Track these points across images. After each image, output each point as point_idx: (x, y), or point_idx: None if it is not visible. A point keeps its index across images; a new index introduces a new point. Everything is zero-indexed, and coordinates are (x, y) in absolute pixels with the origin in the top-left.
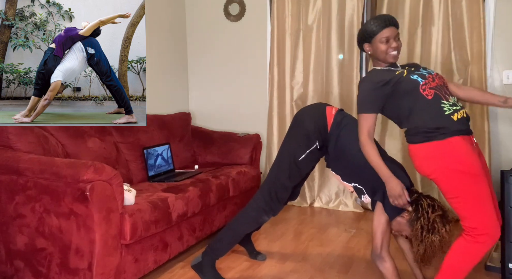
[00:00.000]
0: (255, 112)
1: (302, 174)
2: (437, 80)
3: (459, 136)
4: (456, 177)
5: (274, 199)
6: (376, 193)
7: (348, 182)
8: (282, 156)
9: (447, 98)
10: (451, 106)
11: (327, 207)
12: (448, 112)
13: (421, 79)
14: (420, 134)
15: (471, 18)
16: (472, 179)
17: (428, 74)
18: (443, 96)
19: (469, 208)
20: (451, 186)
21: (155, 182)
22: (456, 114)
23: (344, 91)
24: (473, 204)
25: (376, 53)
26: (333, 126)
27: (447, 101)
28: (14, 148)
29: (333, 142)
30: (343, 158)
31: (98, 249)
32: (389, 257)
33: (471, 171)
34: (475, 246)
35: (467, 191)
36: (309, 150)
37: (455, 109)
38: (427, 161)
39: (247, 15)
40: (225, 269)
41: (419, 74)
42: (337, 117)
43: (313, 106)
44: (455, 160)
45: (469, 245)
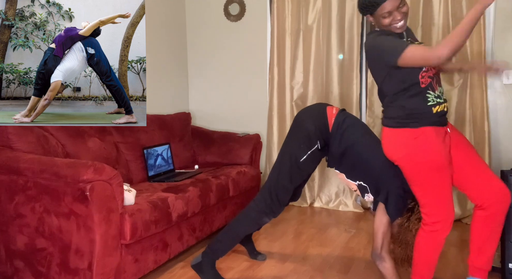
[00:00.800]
0: (255, 112)
1: (304, 176)
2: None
3: (432, 127)
4: (420, 168)
5: (275, 201)
6: (379, 193)
7: (353, 180)
8: (283, 157)
9: (435, 89)
10: (436, 97)
11: (327, 207)
12: (430, 103)
13: None
14: (396, 119)
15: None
16: (435, 173)
17: None
18: (434, 85)
19: (427, 197)
20: (414, 175)
21: (155, 182)
22: (438, 106)
23: (344, 91)
24: (432, 194)
25: (380, 26)
26: (334, 126)
27: (433, 92)
28: (14, 148)
29: (336, 142)
30: (348, 156)
31: (98, 249)
32: (389, 257)
33: (434, 165)
34: (433, 235)
35: (428, 182)
36: (310, 151)
37: (438, 101)
38: (396, 148)
39: (247, 15)
40: (225, 269)
41: None
42: (339, 117)
43: (313, 107)
44: (422, 152)
45: (427, 235)
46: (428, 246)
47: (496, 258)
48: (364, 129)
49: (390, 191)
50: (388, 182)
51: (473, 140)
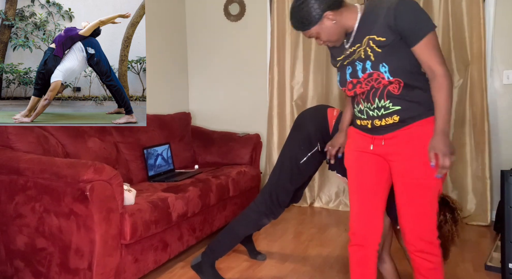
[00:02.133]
0: (255, 112)
1: (304, 177)
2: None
3: (352, 127)
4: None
5: (275, 203)
6: None
7: None
8: (284, 159)
9: (359, 103)
10: (359, 112)
11: (327, 207)
12: (355, 114)
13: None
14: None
15: (471, 18)
16: (347, 172)
17: None
18: (359, 100)
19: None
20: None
21: (155, 182)
22: (360, 121)
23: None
24: (349, 198)
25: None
26: (335, 128)
27: (357, 106)
28: (14, 148)
29: None
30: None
31: (98, 249)
32: (390, 259)
33: (345, 163)
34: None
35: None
36: (310, 153)
37: (359, 116)
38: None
39: (247, 15)
40: (225, 269)
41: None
42: (340, 119)
43: (314, 109)
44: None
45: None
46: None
47: (496, 258)
48: None
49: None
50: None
51: (473, 140)
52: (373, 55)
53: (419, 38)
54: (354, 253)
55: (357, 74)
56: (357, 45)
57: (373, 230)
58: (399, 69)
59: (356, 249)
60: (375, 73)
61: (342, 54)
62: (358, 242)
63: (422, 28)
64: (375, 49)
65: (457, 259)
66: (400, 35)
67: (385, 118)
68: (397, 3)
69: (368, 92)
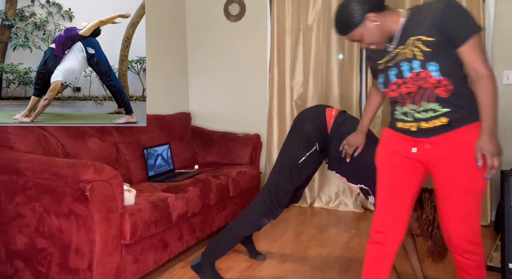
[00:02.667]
0: (255, 112)
1: (303, 177)
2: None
3: (387, 129)
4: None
5: (275, 202)
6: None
7: (354, 183)
8: (283, 159)
9: (403, 105)
10: (403, 114)
11: (327, 207)
12: (396, 116)
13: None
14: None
15: None
16: (378, 173)
17: None
18: (403, 102)
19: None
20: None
21: (155, 182)
22: (402, 123)
23: (344, 91)
24: (376, 199)
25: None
26: (333, 128)
27: (401, 108)
28: (14, 148)
29: (334, 144)
30: (345, 160)
31: (98, 249)
32: None
33: (377, 164)
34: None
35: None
36: (309, 153)
37: (403, 119)
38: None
39: (247, 15)
40: (225, 269)
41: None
42: (338, 119)
43: (312, 108)
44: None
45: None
46: (366, 255)
47: (496, 258)
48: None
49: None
50: None
51: None
52: (422, 55)
53: (465, 39)
54: (372, 250)
55: (403, 74)
56: (400, 47)
57: (397, 232)
58: (447, 68)
59: (375, 246)
60: (423, 72)
61: (384, 57)
62: (380, 240)
63: (468, 29)
64: (424, 49)
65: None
66: (447, 36)
67: (432, 120)
68: (445, 5)
69: (415, 93)
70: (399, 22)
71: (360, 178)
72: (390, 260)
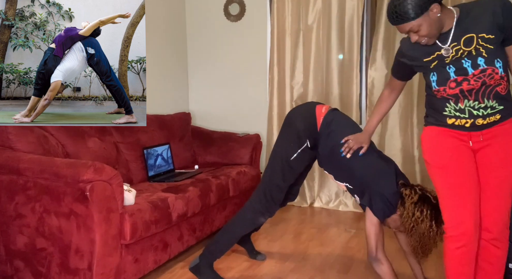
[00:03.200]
0: (255, 112)
1: (296, 174)
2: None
3: (435, 127)
4: (428, 167)
5: (270, 200)
6: (363, 196)
7: (340, 182)
8: (275, 156)
9: (459, 102)
10: (456, 110)
11: (327, 207)
12: (446, 114)
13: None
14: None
15: None
16: (436, 171)
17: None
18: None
19: (440, 199)
20: (429, 174)
21: (155, 182)
22: (455, 120)
23: (344, 91)
24: (442, 196)
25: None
26: (323, 125)
27: (456, 105)
28: (14, 148)
29: (323, 142)
30: (333, 157)
31: (98, 249)
32: (386, 259)
33: (433, 163)
34: (447, 242)
35: (435, 182)
36: (300, 149)
37: (457, 115)
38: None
39: (247, 15)
40: (225, 269)
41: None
42: (328, 116)
43: (303, 106)
44: (423, 149)
45: (445, 241)
46: (450, 259)
47: None
48: (352, 129)
49: (372, 193)
50: (370, 184)
51: None
52: (485, 52)
53: None
54: (466, 253)
55: (466, 71)
56: (454, 43)
57: (477, 225)
58: (506, 65)
59: (453, 242)
60: (489, 69)
61: (433, 54)
62: (460, 238)
63: None
64: (487, 46)
65: None
66: (504, 34)
67: (489, 117)
68: (503, 4)
69: (478, 90)
70: (454, 18)
71: (344, 176)
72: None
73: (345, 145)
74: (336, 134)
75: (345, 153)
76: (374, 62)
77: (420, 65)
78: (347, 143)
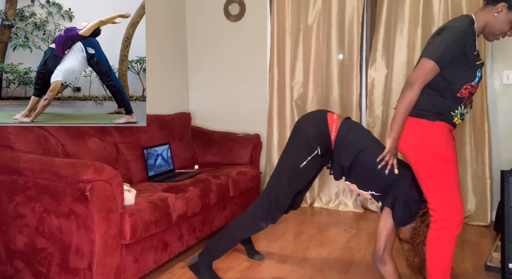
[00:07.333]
0: (255, 112)
1: (304, 182)
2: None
3: (446, 123)
4: (429, 158)
5: (274, 207)
6: (386, 198)
7: (365, 190)
8: (283, 163)
9: (466, 106)
10: (460, 114)
11: (327, 207)
12: (453, 114)
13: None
14: (418, 110)
15: None
16: (444, 164)
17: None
18: (466, 102)
19: (435, 190)
20: (423, 165)
21: (155, 182)
22: (457, 119)
23: (344, 91)
24: (440, 187)
25: (496, 25)
26: (339, 136)
27: (461, 109)
28: (14, 148)
29: (343, 154)
30: (356, 167)
31: (98, 249)
32: (391, 260)
33: (445, 156)
34: (441, 233)
35: (436, 173)
36: (310, 157)
37: (460, 118)
38: (410, 136)
39: (247, 15)
40: (224, 269)
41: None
42: (343, 127)
43: (313, 113)
44: (433, 142)
45: (436, 234)
46: (437, 246)
47: (496, 258)
48: (369, 137)
49: (398, 197)
50: (397, 188)
51: (473, 140)
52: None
53: None
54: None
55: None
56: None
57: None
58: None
59: (452, 232)
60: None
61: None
62: (458, 226)
63: None
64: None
65: (457, 259)
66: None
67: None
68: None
69: (470, 96)
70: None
71: (370, 185)
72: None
73: (382, 163)
74: (354, 146)
75: (388, 171)
76: (374, 62)
77: (473, 59)
78: (384, 161)
